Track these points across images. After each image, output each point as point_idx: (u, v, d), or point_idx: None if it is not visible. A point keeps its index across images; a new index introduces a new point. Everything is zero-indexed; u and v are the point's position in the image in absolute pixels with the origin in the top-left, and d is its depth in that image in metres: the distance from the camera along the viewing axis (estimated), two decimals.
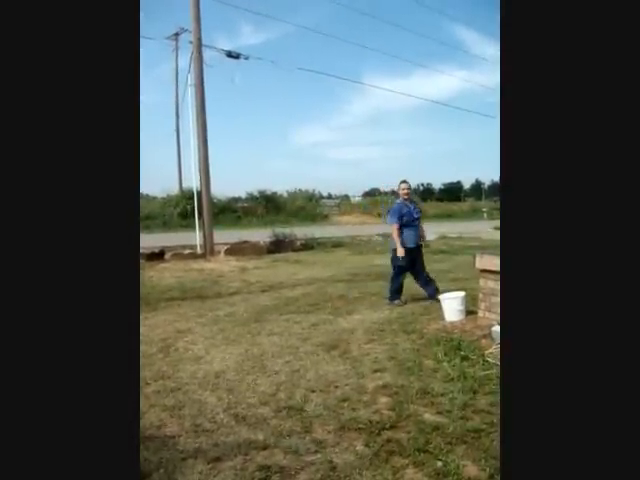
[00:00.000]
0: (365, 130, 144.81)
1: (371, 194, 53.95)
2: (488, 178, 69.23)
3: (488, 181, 68.36)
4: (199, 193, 11.84)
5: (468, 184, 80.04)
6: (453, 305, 4.72)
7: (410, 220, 5.60)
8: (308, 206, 30.68)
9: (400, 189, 5.73)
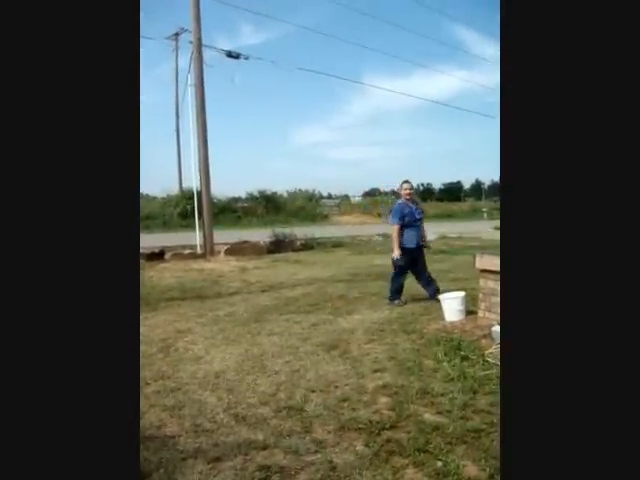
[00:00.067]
0: (365, 130, 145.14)
1: (371, 194, 54.00)
2: (488, 178, 69.36)
3: (488, 181, 68.49)
4: (199, 193, 11.84)
5: (468, 184, 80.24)
6: (453, 305, 4.72)
7: (412, 220, 5.56)
8: (308, 206, 30.67)
9: (402, 189, 5.67)
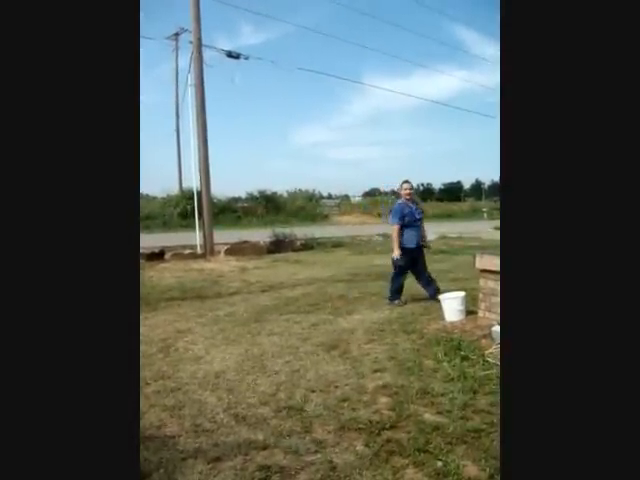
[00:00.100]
0: (365, 130, 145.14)
1: (371, 194, 54.01)
2: (488, 178, 69.35)
3: (488, 181, 68.49)
4: (199, 193, 11.84)
5: (468, 184, 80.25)
6: (453, 305, 4.72)
7: (412, 221, 5.55)
8: (308, 206, 30.67)
9: (402, 189, 5.66)
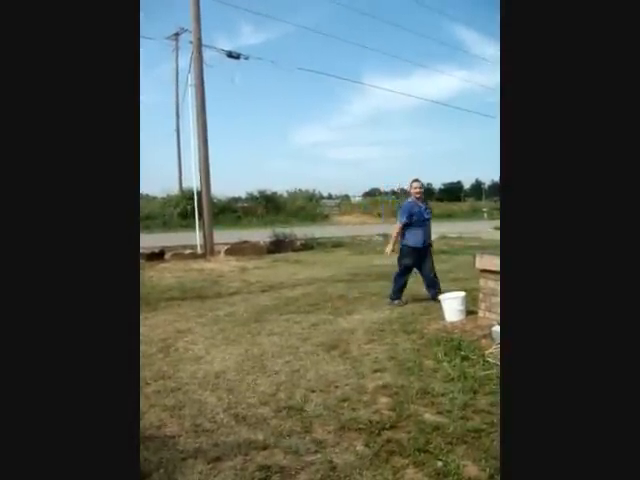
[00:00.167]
0: (365, 130, 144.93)
1: (371, 194, 53.93)
2: (488, 178, 69.28)
3: (488, 181, 68.44)
4: (199, 193, 11.84)
5: (468, 184, 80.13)
6: (453, 305, 4.72)
7: (420, 220, 5.54)
8: (308, 206, 30.68)
9: (412, 188, 5.63)
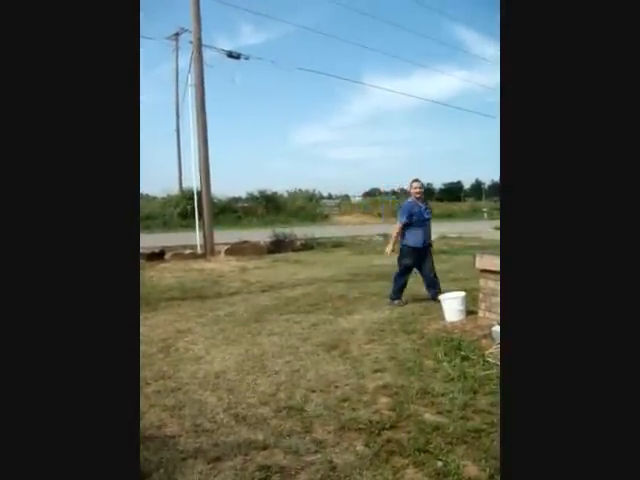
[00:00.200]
0: (365, 130, 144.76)
1: (371, 194, 53.91)
2: (488, 178, 69.19)
3: (488, 181, 68.35)
4: (199, 193, 11.85)
5: (468, 184, 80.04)
6: (453, 305, 4.71)
7: (420, 220, 5.55)
8: (308, 206, 30.69)
9: (412, 188, 5.64)
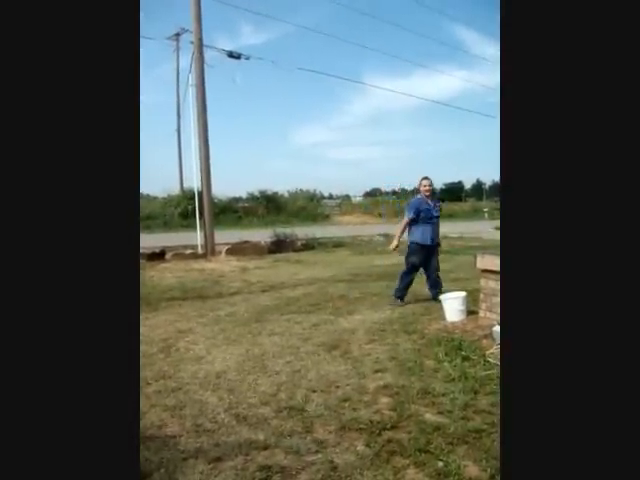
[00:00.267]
0: (366, 130, 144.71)
1: (372, 194, 53.94)
2: (489, 178, 69.12)
3: (489, 181, 68.29)
4: (200, 193, 11.85)
5: (469, 184, 79.95)
6: (454, 305, 4.71)
7: (427, 217, 5.55)
8: (309, 206, 30.70)
9: (421, 185, 5.68)
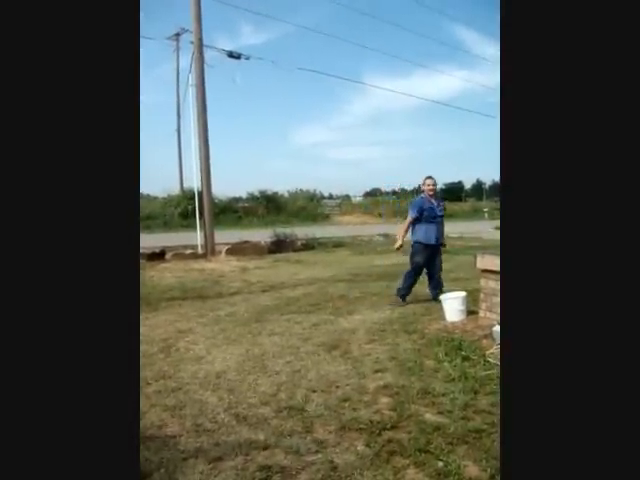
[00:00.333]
0: (366, 130, 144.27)
1: (372, 194, 53.87)
2: (489, 178, 69.03)
3: (489, 181, 68.20)
4: (200, 193, 11.85)
5: (469, 184, 79.81)
6: (454, 305, 4.71)
7: (431, 216, 5.56)
8: (309, 206, 30.71)
9: (425, 185, 5.67)
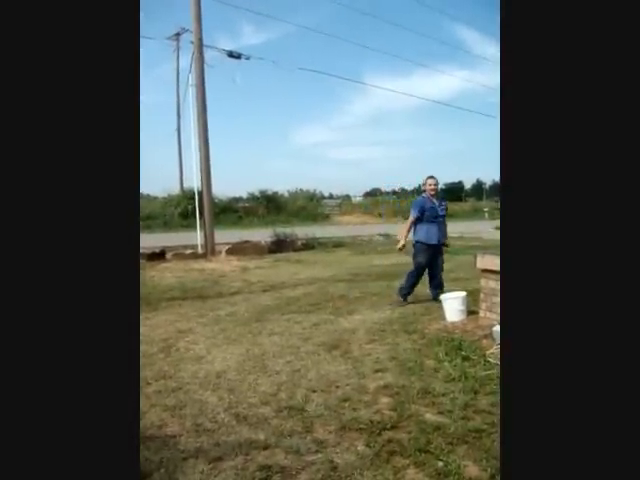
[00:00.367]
0: (366, 130, 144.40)
1: (372, 194, 53.87)
2: (489, 178, 69.01)
3: (489, 181, 68.18)
4: (200, 193, 11.84)
5: (469, 184, 79.78)
6: (454, 305, 4.71)
7: (432, 216, 5.53)
8: (309, 206, 30.70)
9: (427, 184, 5.64)
